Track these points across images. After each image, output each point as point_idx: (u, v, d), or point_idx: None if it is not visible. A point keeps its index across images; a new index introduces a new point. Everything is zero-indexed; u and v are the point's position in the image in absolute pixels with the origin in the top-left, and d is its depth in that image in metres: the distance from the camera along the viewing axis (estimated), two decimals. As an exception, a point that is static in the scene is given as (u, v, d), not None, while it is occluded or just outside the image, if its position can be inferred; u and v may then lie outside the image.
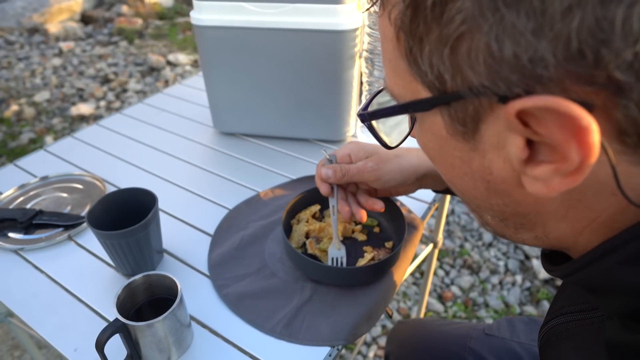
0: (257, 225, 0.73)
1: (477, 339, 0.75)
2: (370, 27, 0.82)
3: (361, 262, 0.65)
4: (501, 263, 1.71)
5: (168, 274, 0.55)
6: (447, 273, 1.68)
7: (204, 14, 0.81)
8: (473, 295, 1.60)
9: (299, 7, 0.77)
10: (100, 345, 0.50)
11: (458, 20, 0.24)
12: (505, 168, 0.28)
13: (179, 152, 0.94)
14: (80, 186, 0.85)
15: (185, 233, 0.74)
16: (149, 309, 0.57)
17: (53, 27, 3.65)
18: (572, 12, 0.21)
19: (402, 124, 0.74)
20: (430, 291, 1.60)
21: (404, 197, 0.79)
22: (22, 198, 0.82)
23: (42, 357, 1.07)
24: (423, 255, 1.08)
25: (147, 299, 0.57)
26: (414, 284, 1.65)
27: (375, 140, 0.45)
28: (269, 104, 0.90)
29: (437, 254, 1.16)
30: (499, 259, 1.72)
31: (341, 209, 0.64)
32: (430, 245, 1.11)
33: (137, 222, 0.60)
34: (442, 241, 1.11)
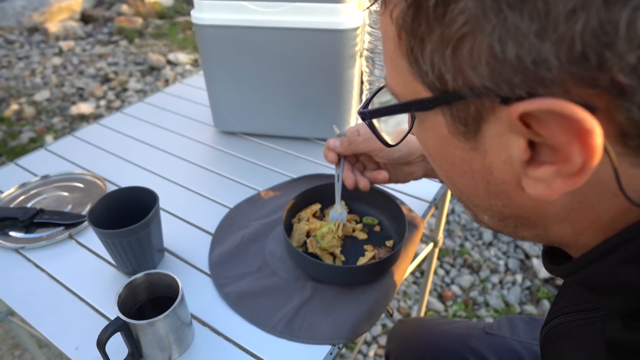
0: (257, 224, 0.73)
1: (477, 337, 0.75)
2: (371, 26, 0.82)
3: (362, 260, 0.65)
4: (501, 262, 1.71)
5: (169, 272, 0.55)
6: (448, 272, 1.68)
7: (204, 13, 0.81)
8: (473, 295, 1.60)
9: (300, 6, 0.77)
10: (101, 344, 0.50)
11: (460, 20, 0.24)
12: (506, 169, 0.28)
13: (180, 151, 0.94)
14: (81, 185, 0.85)
15: (186, 232, 0.74)
16: (150, 307, 0.57)
17: (53, 27, 3.65)
18: (576, 14, 0.21)
19: (403, 122, 0.74)
20: (430, 290, 1.60)
21: (404, 197, 0.79)
22: (23, 197, 0.82)
23: (42, 356, 1.08)
24: (423, 255, 1.08)
25: (148, 298, 0.58)
26: (414, 283, 1.65)
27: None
28: (269, 103, 0.90)
29: (437, 253, 1.16)
30: (499, 258, 1.72)
31: (346, 176, 0.65)
32: (431, 245, 1.11)
33: (138, 221, 0.60)
34: (442, 240, 1.11)
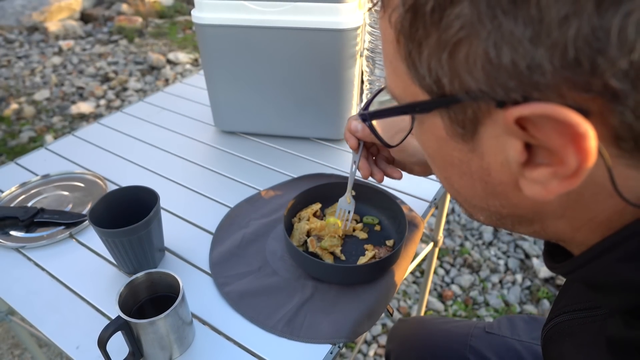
0: (258, 224, 0.73)
1: (477, 337, 0.75)
2: (371, 26, 0.82)
3: (362, 260, 0.65)
4: (501, 262, 1.71)
5: (170, 271, 0.56)
6: (448, 272, 1.68)
7: (205, 13, 0.81)
8: (473, 294, 1.60)
9: (300, 5, 0.78)
10: (102, 343, 0.50)
11: (456, 26, 0.24)
12: (503, 171, 0.28)
13: (180, 151, 0.94)
14: (82, 184, 0.85)
15: (187, 231, 0.74)
16: (151, 306, 0.57)
17: (53, 26, 3.65)
18: (569, 21, 0.21)
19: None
20: (430, 290, 1.60)
21: (404, 197, 0.80)
22: (23, 196, 0.82)
23: (42, 355, 1.08)
24: (423, 254, 1.08)
25: (149, 297, 0.58)
26: (414, 283, 1.65)
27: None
28: (269, 103, 0.90)
29: (437, 252, 1.16)
30: (499, 258, 1.73)
31: (361, 166, 0.65)
32: (431, 244, 1.11)
33: (139, 220, 0.60)
34: (442, 240, 1.11)
